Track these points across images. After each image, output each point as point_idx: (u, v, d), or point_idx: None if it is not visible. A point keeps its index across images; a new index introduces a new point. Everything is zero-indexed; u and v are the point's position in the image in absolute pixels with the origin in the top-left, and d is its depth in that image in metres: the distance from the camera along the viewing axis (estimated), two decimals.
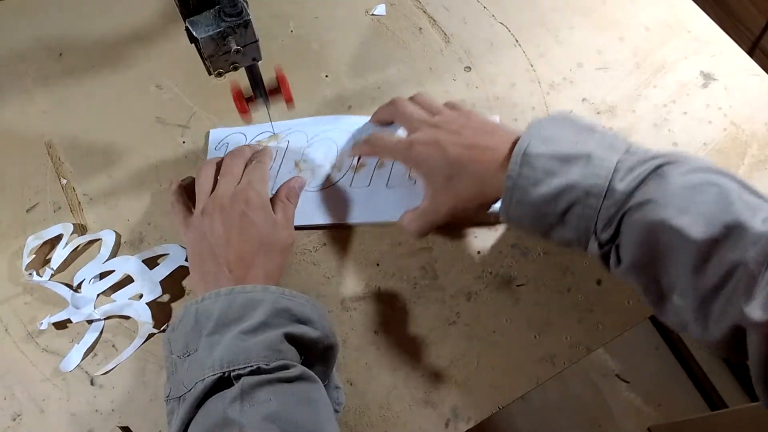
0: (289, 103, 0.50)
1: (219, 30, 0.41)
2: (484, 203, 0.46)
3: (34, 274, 0.50)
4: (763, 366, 0.33)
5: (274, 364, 0.38)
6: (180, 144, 0.57)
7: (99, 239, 0.52)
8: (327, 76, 0.60)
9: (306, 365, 0.40)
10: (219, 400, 0.37)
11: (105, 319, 0.49)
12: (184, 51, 0.61)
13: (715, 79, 0.58)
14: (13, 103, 0.61)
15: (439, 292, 0.49)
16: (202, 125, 0.58)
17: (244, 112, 0.50)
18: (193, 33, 0.41)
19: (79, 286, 0.50)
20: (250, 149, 0.53)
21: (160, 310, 0.49)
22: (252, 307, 0.40)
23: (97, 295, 0.50)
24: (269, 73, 0.49)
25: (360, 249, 0.51)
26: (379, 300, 0.49)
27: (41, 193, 0.55)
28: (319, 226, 0.52)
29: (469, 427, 0.45)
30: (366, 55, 0.61)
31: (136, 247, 0.52)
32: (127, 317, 0.49)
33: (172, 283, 0.50)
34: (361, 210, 0.52)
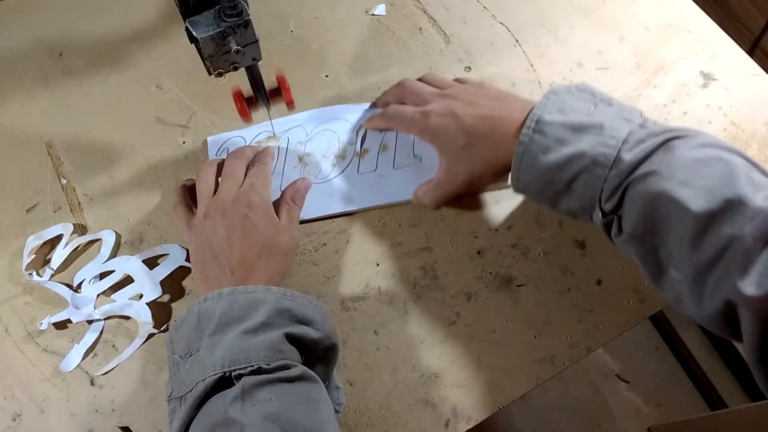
0: (289, 105, 0.50)
1: (219, 30, 0.41)
2: (499, 170, 0.47)
3: (34, 274, 0.50)
4: (757, 348, 0.33)
5: (275, 364, 0.38)
6: (180, 144, 0.57)
7: (99, 239, 0.52)
8: (327, 76, 0.60)
9: (307, 365, 0.40)
10: (220, 400, 0.37)
11: (105, 319, 0.49)
12: (184, 51, 0.61)
13: (715, 79, 0.58)
14: (13, 103, 0.61)
15: (439, 292, 0.49)
16: (202, 125, 0.58)
17: (246, 116, 0.50)
18: (193, 33, 0.41)
19: (79, 286, 0.50)
20: (251, 150, 0.53)
21: (160, 310, 0.49)
22: (254, 308, 0.40)
23: (97, 295, 0.50)
24: (269, 73, 0.49)
25: (360, 249, 0.51)
26: (379, 300, 0.49)
27: (41, 193, 0.55)
28: (334, 215, 0.52)
29: (469, 427, 0.45)
30: (366, 55, 0.61)
31: (136, 247, 0.52)
32: (127, 317, 0.49)
33: (172, 283, 0.50)
34: (373, 194, 0.53)
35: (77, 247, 0.52)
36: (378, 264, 0.51)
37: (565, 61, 0.60)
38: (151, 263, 0.51)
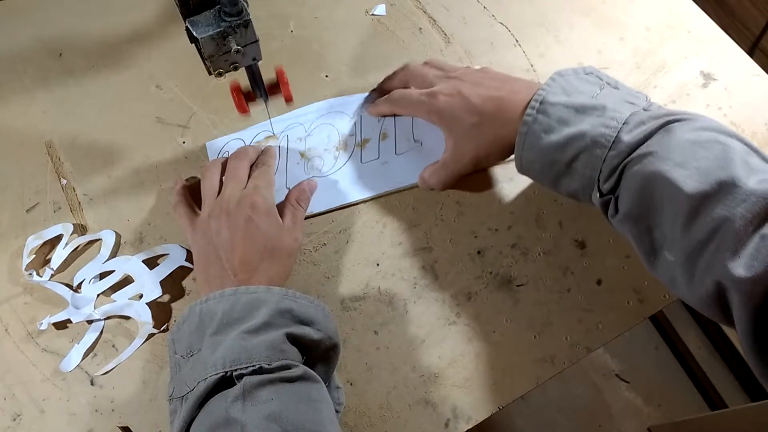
0: (288, 102, 0.50)
1: (219, 30, 0.41)
2: (505, 149, 0.47)
3: (34, 274, 0.50)
4: (750, 333, 0.33)
5: (276, 363, 0.38)
6: (180, 144, 0.57)
7: (99, 239, 0.52)
8: (327, 76, 0.60)
9: (308, 365, 0.40)
10: (221, 400, 0.37)
11: (105, 319, 0.49)
12: (184, 51, 0.61)
13: (715, 79, 0.58)
14: (13, 103, 0.61)
15: (439, 292, 0.49)
16: (202, 125, 0.58)
17: (243, 110, 0.50)
18: (194, 33, 0.41)
19: (79, 286, 0.50)
20: (254, 150, 0.53)
21: (160, 310, 0.49)
22: (255, 308, 0.40)
23: (97, 295, 0.50)
24: (269, 73, 0.49)
25: (360, 249, 0.51)
26: (379, 300, 0.49)
27: (41, 193, 0.55)
28: (345, 205, 0.53)
29: (469, 427, 0.45)
30: (366, 55, 0.61)
31: (136, 247, 0.52)
32: (127, 317, 0.49)
33: (172, 283, 0.50)
34: (379, 181, 0.53)
35: (77, 247, 0.52)
36: (378, 264, 0.51)
37: (565, 61, 0.60)
38: (151, 263, 0.51)
